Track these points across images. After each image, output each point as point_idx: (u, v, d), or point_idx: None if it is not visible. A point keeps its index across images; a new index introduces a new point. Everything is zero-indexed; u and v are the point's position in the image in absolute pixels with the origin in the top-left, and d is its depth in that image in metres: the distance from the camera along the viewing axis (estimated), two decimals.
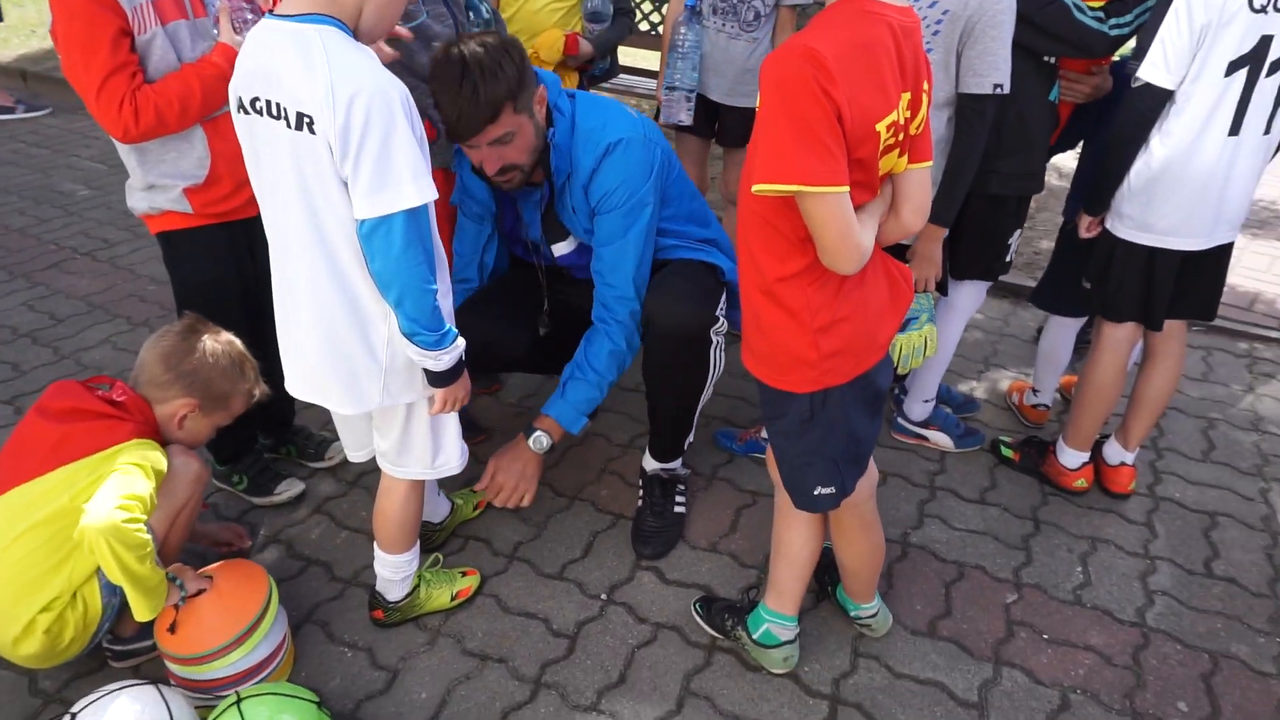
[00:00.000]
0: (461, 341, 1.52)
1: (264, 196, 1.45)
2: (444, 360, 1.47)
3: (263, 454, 2.26)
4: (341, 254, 1.40)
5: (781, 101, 1.17)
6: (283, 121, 1.31)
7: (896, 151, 1.33)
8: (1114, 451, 2.32)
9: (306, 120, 1.29)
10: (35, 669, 1.71)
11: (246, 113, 1.37)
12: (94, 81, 1.58)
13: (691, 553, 2.13)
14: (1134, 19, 1.89)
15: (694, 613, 1.91)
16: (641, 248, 1.92)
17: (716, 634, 1.86)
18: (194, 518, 1.77)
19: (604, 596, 2.00)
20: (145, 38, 1.62)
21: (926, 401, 2.49)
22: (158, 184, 1.78)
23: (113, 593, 1.63)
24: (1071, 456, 2.31)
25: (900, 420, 2.55)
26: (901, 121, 1.29)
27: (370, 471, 2.33)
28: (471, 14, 2.26)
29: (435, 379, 1.52)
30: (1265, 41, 1.71)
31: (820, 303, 1.33)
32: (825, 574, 1.95)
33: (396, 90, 1.31)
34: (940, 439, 2.52)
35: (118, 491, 1.49)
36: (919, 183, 1.40)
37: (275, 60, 1.30)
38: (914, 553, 2.14)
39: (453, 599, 1.93)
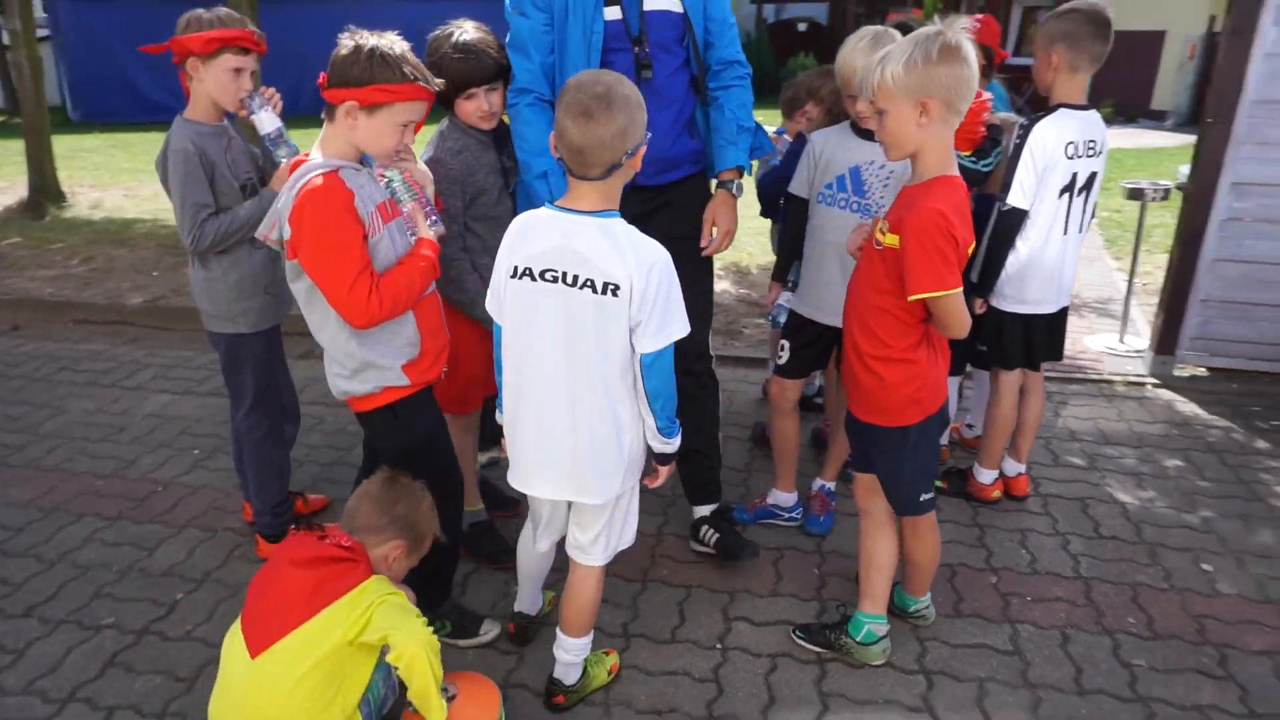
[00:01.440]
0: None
1: (529, 342, 1.85)
2: (675, 443, 1.93)
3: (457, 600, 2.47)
4: (613, 379, 1.83)
5: (921, 241, 1.83)
6: (588, 289, 1.76)
7: None
8: (1011, 466, 3.16)
9: (612, 287, 1.75)
10: None
11: (534, 280, 1.80)
12: (348, 278, 1.88)
13: (761, 601, 2.61)
14: (994, 159, 2.81)
15: (795, 639, 2.40)
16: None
17: (821, 649, 2.36)
18: None
19: (718, 646, 2.42)
20: (376, 239, 1.94)
21: None
22: (377, 363, 2.04)
23: (369, 713, 1.81)
24: (987, 475, 3.11)
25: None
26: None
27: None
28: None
29: (666, 459, 1.96)
30: (1074, 176, 2.70)
31: (927, 360, 1.99)
32: None
33: (669, 256, 1.80)
34: None
35: (406, 615, 1.75)
36: None
37: (583, 244, 1.76)
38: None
39: (609, 674, 2.25)
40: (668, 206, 2.52)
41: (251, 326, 2.54)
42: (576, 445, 1.88)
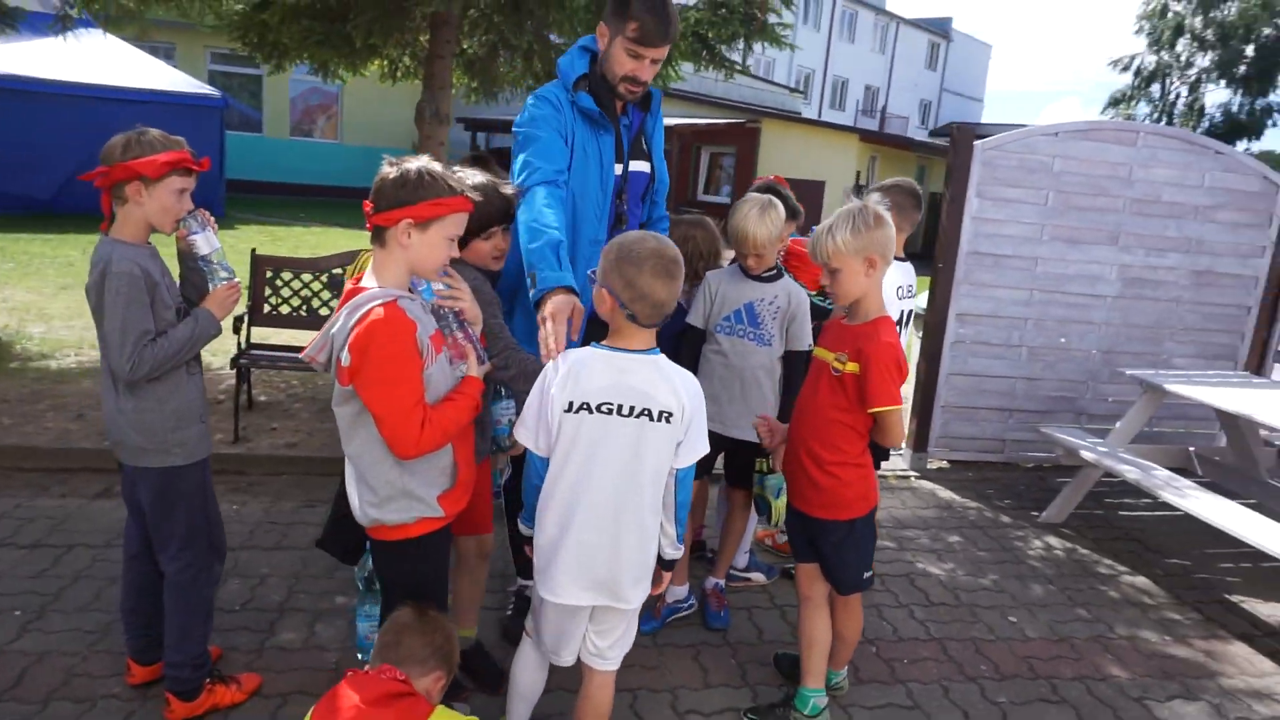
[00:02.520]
0: None
1: (585, 468, 1.99)
2: (680, 550, 2.16)
3: None
4: (657, 493, 2.04)
5: (881, 367, 2.29)
6: (644, 418, 1.96)
7: None
8: None
9: (666, 414, 1.97)
10: None
11: (591, 413, 1.96)
12: (404, 407, 1.87)
13: (699, 694, 2.83)
14: None
15: None
16: None
17: None
18: None
19: None
20: (429, 369, 1.95)
21: (747, 553, 3.61)
22: (415, 493, 2.00)
23: None
24: None
25: (731, 570, 3.59)
26: None
27: None
28: None
29: (671, 565, 2.16)
30: (903, 313, 3.40)
31: (869, 464, 2.44)
32: (798, 669, 2.88)
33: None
34: (758, 577, 3.63)
35: None
36: None
37: (638, 380, 1.97)
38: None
39: None
40: None
41: (188, 458, 2.35)
42: (616, 557, 2.03)
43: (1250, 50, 31.61)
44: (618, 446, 1.99)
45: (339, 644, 2.93)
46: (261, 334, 5.14)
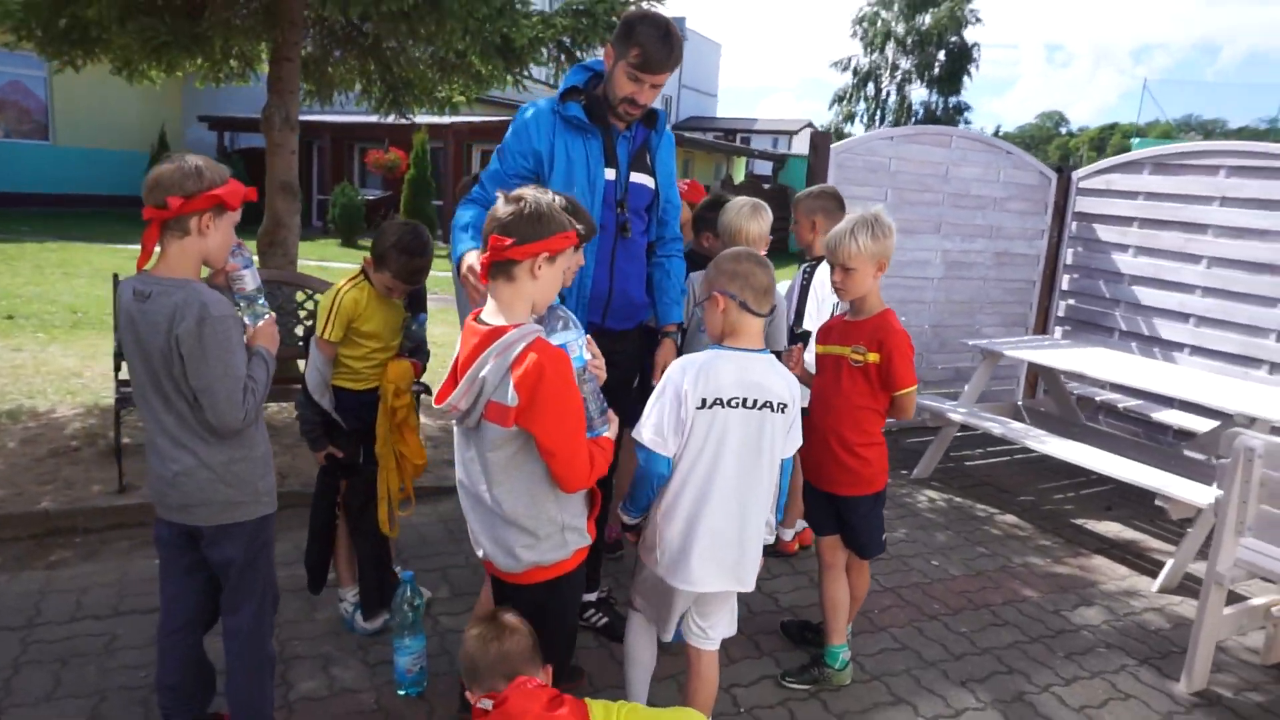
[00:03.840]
0: None
1: (716, 458, 2.16)
2: (773, 535, 2.39)
3: None
4: (772, 480, 2.24)
5: (903, 353, 2.63)
6: (766, 409, 2.16)
7: None
8: (799, 524, 4.10)
9: (781, 405, 2.17)
10: None
11: (723, 407, 2.14)
12: (576, 441, 1.90)
13: (728, 669, 3.05)
14: None
15: (786, 684, 2.92)
16: None
17: (809, 685, 2.92)
18: None
19: (740, 711, 2.81)
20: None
21: None
22: (573, 524, 2.03)
23: None
24: (789, 533, 4.00)
25: None
26: None
27: None
28: None
29: (766, 550, 2.37)
30: (834, 305, 3.81)
31: (884, 438, 2.79)
32: (806, 632, 3.19)
33: None
34: None
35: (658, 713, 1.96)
36: None
37: (757, 375, 2.17)
38: (785, 611, 3.51)
39: None
40: (620, 354, 2.86)
41: (273, 504, 2.21)
42: (743, 542, 2.23)
43: (942, 55, 36.61)
44: (744, 437, 2.19)
45: (367, 684, 2.82)
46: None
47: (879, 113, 38.67)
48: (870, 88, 38.94)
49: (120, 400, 4.10)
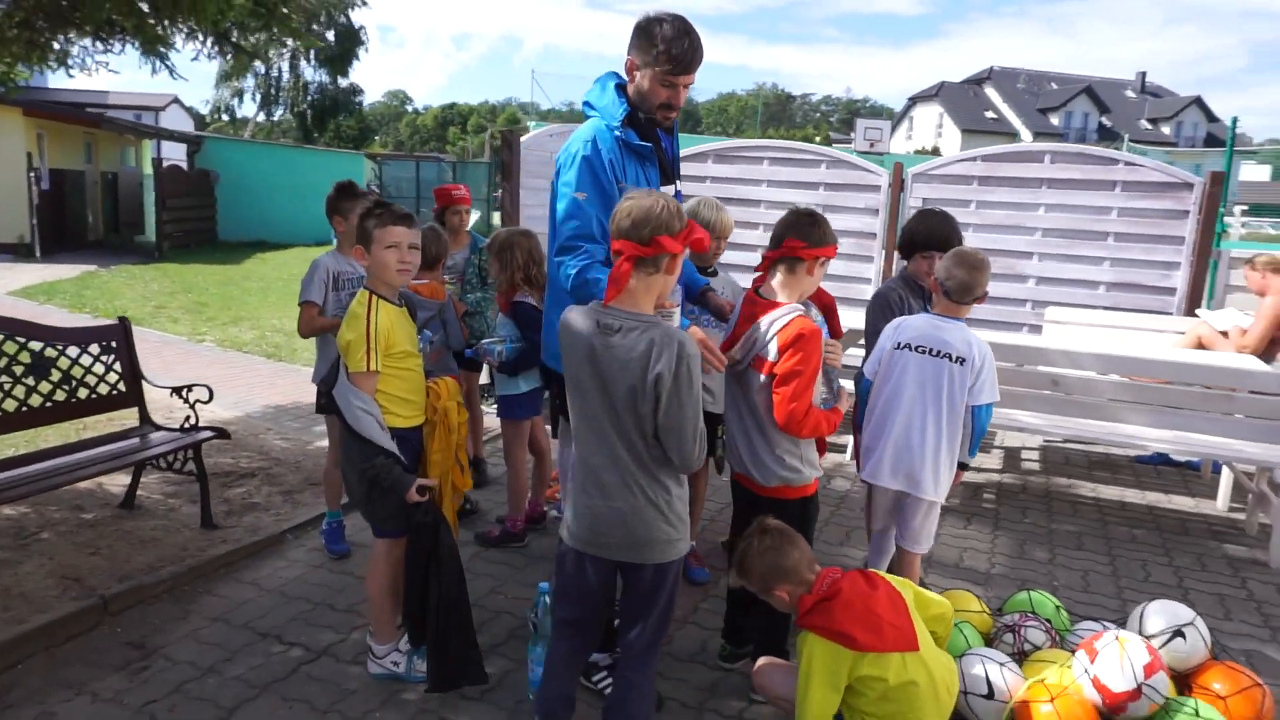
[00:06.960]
0: None
1: (900, 384, 2.91)
2: (971, 460, 3.14)
3: None
4: (950, 414, 2.94)
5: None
6: (945, 359, 2.90)
7: None
8: None
9: (959, 359, 2.91)
10: None
11: (910, 350, 2.90)
12: (804, 389, 2.54)
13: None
14: None
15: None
16: None
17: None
18: None
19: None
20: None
21: None
22: (813, 460, 2.63)
23: None
24: None
25: None
26: None
27: None
28: None
29: (964, 467, 3.11)
30: None
31: None
32: None
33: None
34: None
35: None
36: None
37: (945, 334, 2.95)
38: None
39: None
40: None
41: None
42: (917, 452, 2.96)
43: (332, 35, 36.38)
44: (921, 373, 2.96)
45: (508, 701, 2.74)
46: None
47: (274, 90, 37.03)
48: (258, 64, 36.94)
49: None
